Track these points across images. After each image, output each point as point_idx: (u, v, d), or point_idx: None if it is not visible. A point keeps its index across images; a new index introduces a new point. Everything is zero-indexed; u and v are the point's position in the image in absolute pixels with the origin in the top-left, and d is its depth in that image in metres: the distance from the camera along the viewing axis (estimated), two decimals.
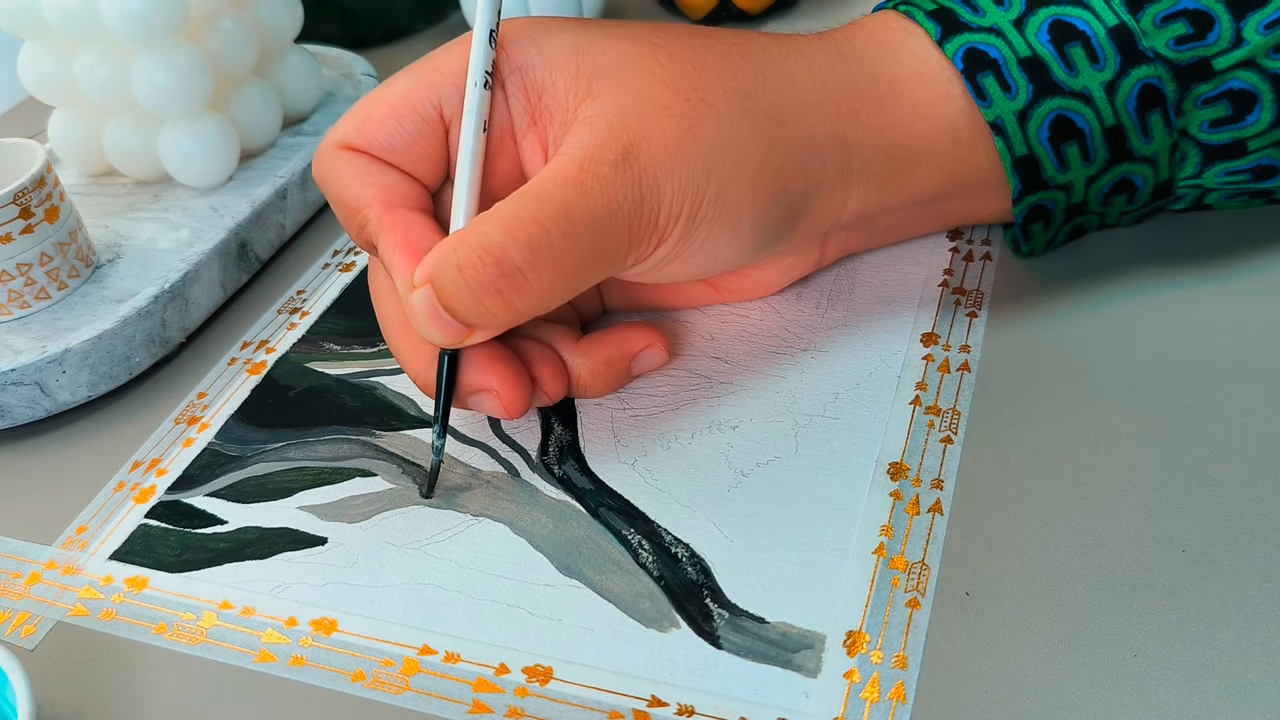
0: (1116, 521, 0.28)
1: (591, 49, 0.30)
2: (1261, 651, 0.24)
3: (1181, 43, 0.30)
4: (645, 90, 0.29)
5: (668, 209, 0.29)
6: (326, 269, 0.44)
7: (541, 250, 0.27)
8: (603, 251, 0.28)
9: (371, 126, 0.31)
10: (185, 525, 0.33)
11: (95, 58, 0.44)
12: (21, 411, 0.37)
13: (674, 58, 0.30)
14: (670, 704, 0.26)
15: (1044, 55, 0.31)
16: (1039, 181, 0.32)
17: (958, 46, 0.31)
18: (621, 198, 0.28)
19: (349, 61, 0.56)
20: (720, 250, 0.31)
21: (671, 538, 0.29)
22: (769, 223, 0.31)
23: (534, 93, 0.30)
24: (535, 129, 0.31)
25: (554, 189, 0.28)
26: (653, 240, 0.29)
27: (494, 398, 0.31)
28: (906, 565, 0.28)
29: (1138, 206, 0.33)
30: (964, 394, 0.32)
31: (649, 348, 0.34)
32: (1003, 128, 0.31)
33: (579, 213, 0.27)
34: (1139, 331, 0.33)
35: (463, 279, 0.27)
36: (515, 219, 0.27)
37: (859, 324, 0.35)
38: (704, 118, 0.29)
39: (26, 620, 0.31)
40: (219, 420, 0.37)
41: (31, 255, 0.39)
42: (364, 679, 0.27)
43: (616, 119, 0.29)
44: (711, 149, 0.29)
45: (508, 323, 0.28)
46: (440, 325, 0.28)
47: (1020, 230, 0.34)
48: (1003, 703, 0.24)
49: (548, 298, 0.28)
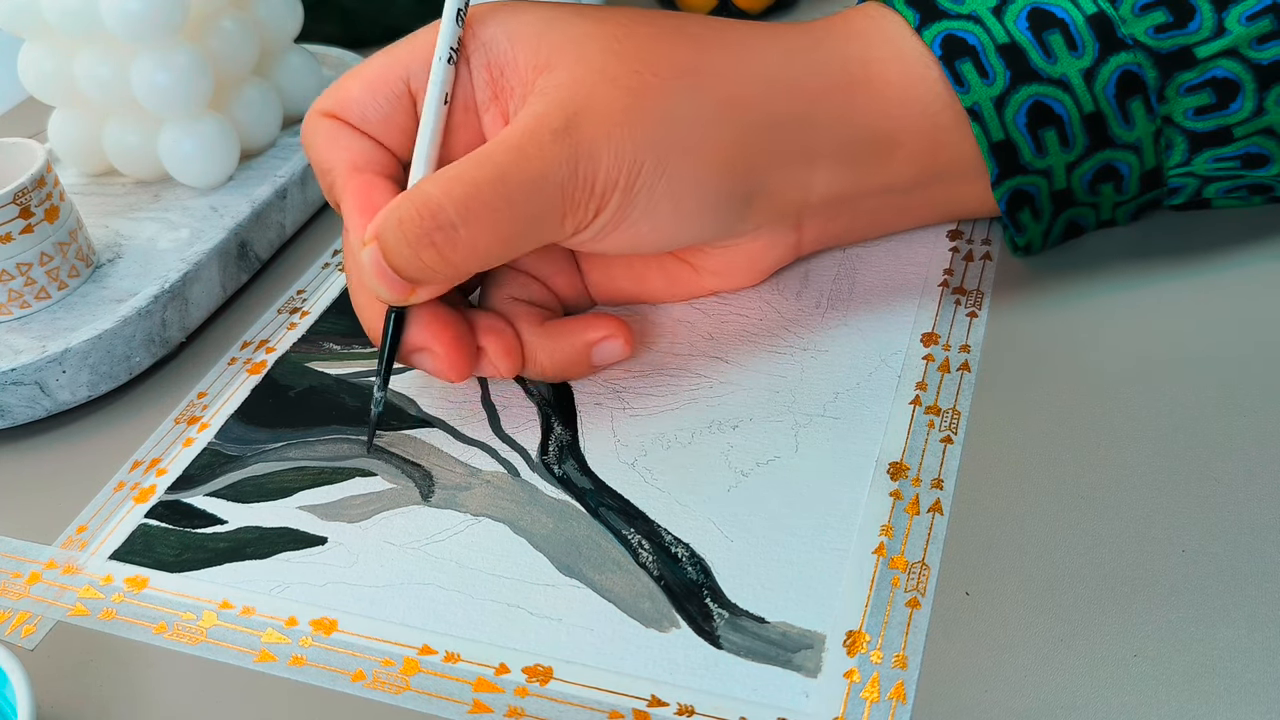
0: (1116, 521, 0.28)
1: (554, 27, 0.31)
2: (1261, 651, 0.24)
3: (1162, 31, 0.31)
4: (597, 62, 0.30)
5: (605, 177, 0.30)
6: (327, 269, 0.44)
7: (474, 208, 0.29)
8: (538, 215, 0.29)
9: (349, 100, 0.33)
10: (185, 525, 0.33)
11: (95, 58, 0.44)
12: (21, 411, 0.37)
13: (633, 34, 0.31)
14: (670, 704, 0.26)
15: (1022, 42, 0.31)
16: (1017, 166, 0.32)
17: (936, 33, 0.32)
18: (556, 164, 0.29)
19: (349, 61, 0.56)
20: (665, 221, 0.31)
21: (671, 537, 0.29)
22: (716, 197, 0.32)
23: (496, 68, 0.32)
24: (497, 102, 0.32)
25: (495, 153, 0.29)
26: (590, 207, 0.30)
27: (434, 358, 0.32)
28: (906, 565, 0.28)
29: (1129, 197, 0.34)
30: (964, 394, 0.32)
31: (609, 338, 0.34)
32: (979, 113, 0.32)
33: (514, 175, 0.29)
34: (1139, 331, 0.33)
35: (400, 232, 0.29)
36: (454, 179, 0.29)
37: (859, 324, 0.35)
38: (651, 90, 0.30)
39: (26, 620, 0.31)
40: (219, 420, 0.37)
41: (31, 255, 0.39)
42: (364, 679, 0.27)
43: (566, 90, 0.30)
44: (654, 120, 0.30)
45: (445, 278, 0.30)
46: (385, 281, 0.30)
47: (1009, 220, 0.34)
48: (1003, 703, 0.24)
49: (482, 254, 0.29)
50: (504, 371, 0.33)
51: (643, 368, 0.35)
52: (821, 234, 0.36)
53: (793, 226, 0.35)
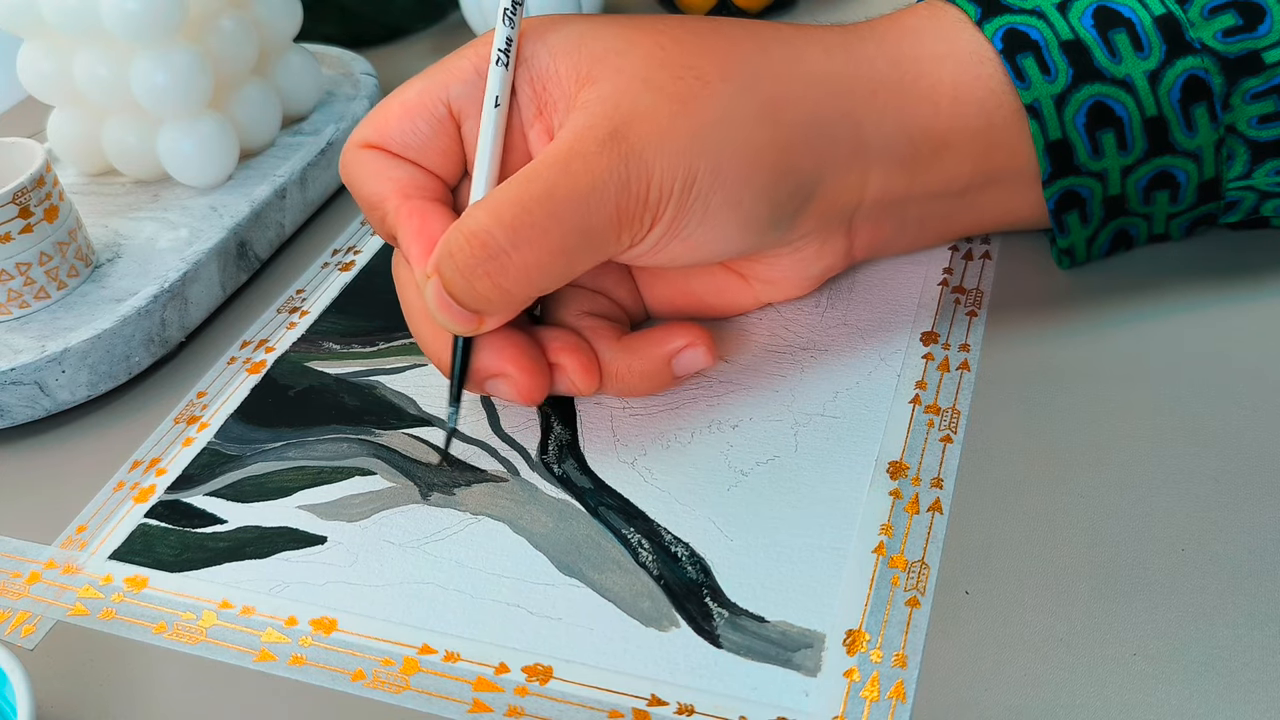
0: (1116, 521, 0.28)
1: (595, 38, 0.30)
2: (1261, 650, 0.24)
3: (1230, 34, 0.30)
4: (641, 71, 0.29)
5: (658, 187, 0.29)
6: (326, 268, 0.44)
7: (524, 230, 0.27)
8: (591, 231, 0.28)
9: (388, 127, 0.32)
10: (185, 525, 0.33)
11: (94, 57, 0.44)
12: (21, 411, 0.37)
13: (676, 40, 0.30)
14: (670, 703, 0.26)
15: (1087, 39, 0.30)
16: (1070, 166, 0.31)
17: (998, 27, 0.31)
18: (607, 175, 0.28)
19: (348, 61, 0.56)
20: (722, 230, 0.30)
21: (671, 537, 0.29)
22: (772, 201, 0.30)
23: (539, 82, 0.31)
24: (541, 118, 0.31)
25: (542, 170, 0.28)
26: (645, 219, 0.29)
27: (508, 382, 0.31)
28: (906, 564, 0.28)
29: (1184, 208, 0.33)
30: (964, 393, 0.32)
31: (690, 346, 0.32)
32: (1039, 110, 0.31)
33: (563, 192, 0.28)
34: (1139, 330, 0.33)
35: (454, 263, 0.28)
36: (501, 201, 0.28)
37: (859, 323, 0.35)
38: (698, 95, 0.29)
39: (26, 620, 0.31)
40: (218, 419, 0.37)
41: (31, 255, 0.39)
42: (364, 678, 0.27)
43: (610, 101, 0.29)
44: (705, 126, 0.29)
45: (505, 305, 0.29)
46: (450, 314, 0.29)
47: (1054, 220, 0.33)
48: (1002, 702, 0.24)
49: (538, 278, 0.28)
50: (583, 389, 0.32)
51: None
52: (872, 240, 0.35)
53: (844, 232, 0.34)
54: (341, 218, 0.48)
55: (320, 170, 0.48)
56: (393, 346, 0.38)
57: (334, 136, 0.49)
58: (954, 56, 0.31)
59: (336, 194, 0.49)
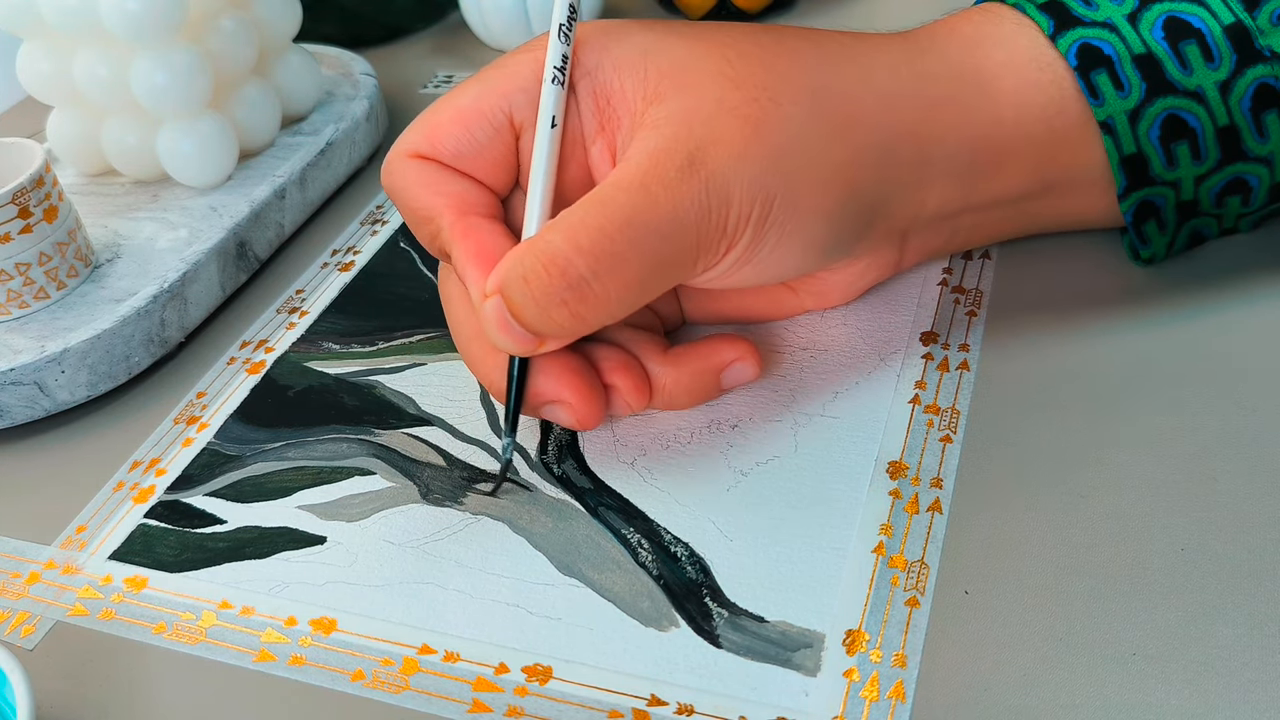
0: (1116, 521, 0.28)
1: (660, 51, 0.29)
2: (1261, 650, 0.24)
3: None
4: (712, 91, 0.28)
5: (737, 213, 0.28)
6: (325, 268, 0.44)
7: (606, 259, 0.27)
8: (670, 258, 0.28)
9: (440, 134, 0.30)
10: (184, 525, 0.33)
11: (94, 57, 0.44)
12: (20, 411, 0.37)
13: (743, 55, 0.29)
14: (670, 703, 0.26)
15: (1159, 53, 0.30)
16: (1146, 178, 0.31)
17: (1072, 41, 0.31)
18: (689, 203, 0.27)
19: (348, 61, 0.56)
20: (793, 253, 0.30)
21: (671, 537, 0.29)
22: (843, 223, 0.30)
23: (602, 97, 0.30)
24: (604, 134, 0.30)
25: (618, 195, 0.27)
26: (722, 246, 0.28)
27: (566, 409, 0.30)
28: (906, 564, 0.28)
29: (1255, 208, 0.33)
30: (963, 393, 0.32)
31: (740, 360, 0.32)
32: (1113, 127, 0.31)
33: (645, 219, 0.27)
34: (1139, 330, 0.33)
35: (529, 290, 0.27)
36: (581, 226, 0.27)
37: (858, 323, 0.35)
38: (771, 117, 0.28)
39: (26, 620, 0.31)
40: (218, 420, 0.37)
41: (30, 255, 0.39)
42: (363, 678, 0.27)
43: (682, 122, 0.28)
44: (780, 150, 0.28)
45: (577, 333, 0.28)
46: (511, 335, 0.28)
47: (1134, 232, 0.33)
48: (1002, 702, 0.24)
49: (615, 307, 0.28)
50: (636, 408, 0.31)
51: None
52: (923, 249, 0.35)
53: (899, 244, 0.33)
54: (341, 218, 0.48)
55: (320, 170, 0.48)
56: (392, 346, 0.38)
57: (333, 137, 0.49)
58: (1013, 64, 0.31)
59: (336, 194, 0.49)
